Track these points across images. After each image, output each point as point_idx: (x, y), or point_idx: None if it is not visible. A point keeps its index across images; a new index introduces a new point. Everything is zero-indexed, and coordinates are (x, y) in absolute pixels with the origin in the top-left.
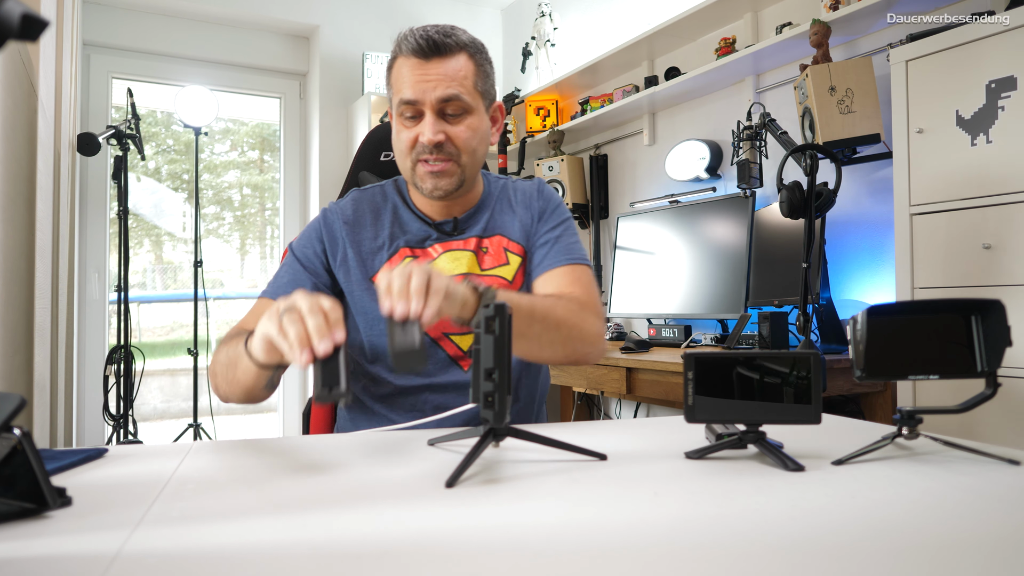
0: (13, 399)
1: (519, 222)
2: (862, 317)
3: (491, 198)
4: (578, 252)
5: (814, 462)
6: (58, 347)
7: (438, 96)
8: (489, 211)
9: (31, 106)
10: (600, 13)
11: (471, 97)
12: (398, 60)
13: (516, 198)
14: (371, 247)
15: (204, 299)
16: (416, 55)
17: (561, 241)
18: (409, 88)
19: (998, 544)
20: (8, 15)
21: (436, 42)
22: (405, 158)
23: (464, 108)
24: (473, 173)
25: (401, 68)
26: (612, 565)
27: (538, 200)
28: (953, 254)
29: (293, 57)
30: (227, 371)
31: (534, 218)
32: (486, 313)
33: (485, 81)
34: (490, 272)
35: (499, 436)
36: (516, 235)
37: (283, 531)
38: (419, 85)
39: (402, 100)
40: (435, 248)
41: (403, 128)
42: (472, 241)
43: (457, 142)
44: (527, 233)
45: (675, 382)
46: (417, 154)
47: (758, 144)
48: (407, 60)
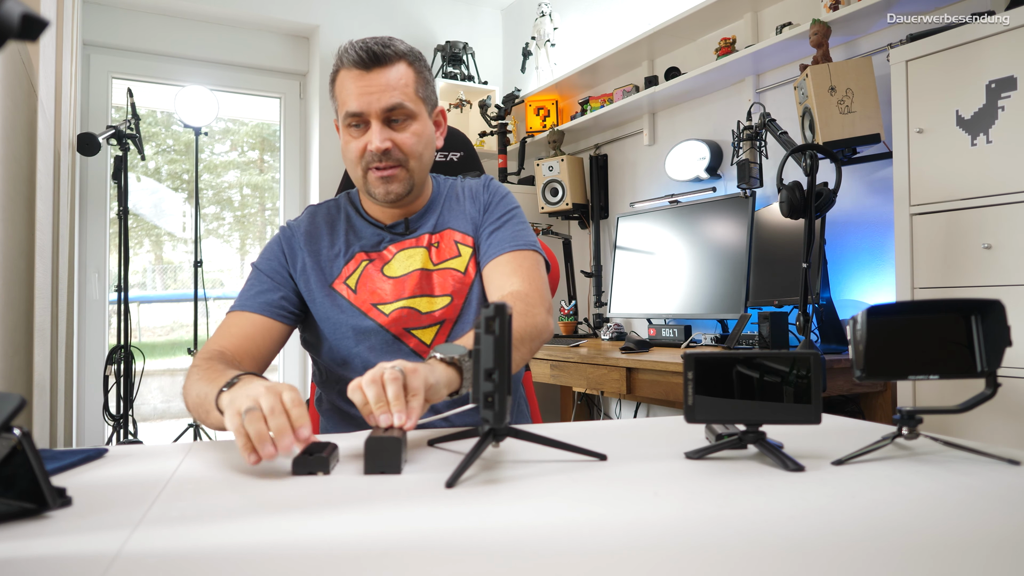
0: (13, 399)
1: (467, 215)
2: (862, 317)
3: (440, 197)
4: (524, 238)
5: (814, 462)
6: (58, 347)
7: (382, 105)
8: (439, 210)
9: (31, 106)
10: (600, 13)
11: (414, 104)
12: (340, 73)
13: (464, 194)
14: (328, 255)
15: (204, 299)
16: (357, 66)
17: (506, 228)
18: (354, 100)
19: (998, 544)
20: (8, 15)
21: (376, 53)
22: (356, 167)
23: (408, 115)
24: (422, 177)
25: (344, 81)
26: (612, 565)
27: (484, 194)
28: (953, 254)
29: (293, 57)
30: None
31: (480, 211)
32: (486, 313)
33: (426, 88)
34: (442, 265)
35: (499, 436)
36: (466, 228)
37: (283, 531)
38: (363, 97)
39: (348, 112)
40: (389, 249)
41: (351, 139)
42: (424, 238)
43: (404, 148)
44: (475, 225)
45: (675, 382)
46: (367, 162)
47: (758, 144)
48: (349, 72)
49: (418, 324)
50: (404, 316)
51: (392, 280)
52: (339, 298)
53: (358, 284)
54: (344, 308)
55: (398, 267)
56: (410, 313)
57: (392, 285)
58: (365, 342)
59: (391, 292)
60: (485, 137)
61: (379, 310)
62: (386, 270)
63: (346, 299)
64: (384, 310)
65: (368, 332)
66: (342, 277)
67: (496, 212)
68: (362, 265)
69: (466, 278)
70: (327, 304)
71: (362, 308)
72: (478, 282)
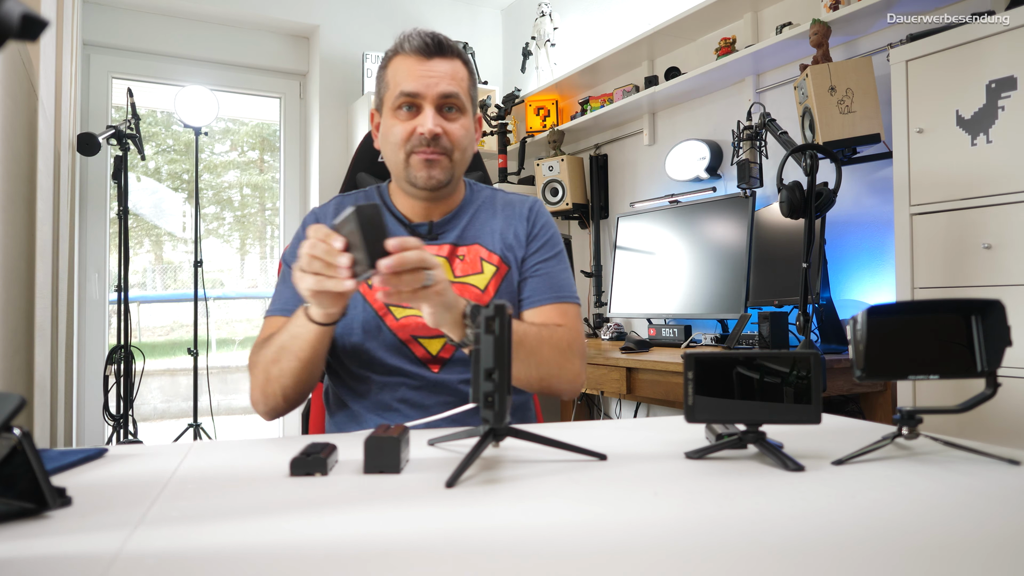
0: (13, 399)
1: (498, 233)
2: (862, 317)
3: (470, 205)
4: (568, 290)
5: (814, 462)
6: (58, 347)
7: (440, 91)
8: (467, 218)
9: (31, 106)
10: (600, 13)
11: (466, 99)
12: (396, 58)
13: (500, 209)
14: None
15: (204, 299)
16: (420, 52)
17: (553, 276)
18: (412, 81)
19: (998, 544)
20: (8, 15)
21: (440, 42)
22: (399, 150)
23: (460, 107)
24: (460, 171)
25: (400, 64)
26: (612, 565)
27: (529, 218)
28: (953, 254)
29: (293, 57)
30: (278, 362)
31: (522, 236)
32: (486, 314)
33: (474, 90)
34: (462, 280)
35: (499, 436)
36: (495, 246)
37: (283, 531)
38: (422, 79)
39: (403, 92)
40: None
41: (397, 121)
42: (446, 248)
43: (452, 137)
44: (507, 244)
45: (675, 382)
46: (412, 145)
47: (758, 144)
48: (408, 57)
49: (427, 334)
50: (414, 324)
51: None
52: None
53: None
54: (356, 303)
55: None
56: (421, 322)
57: None
58: (371, 340)
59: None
60: (485, 137)
61: (391, 312)
62: None
63: (361, 294)
64: (396, 313)
65: (376, 332)
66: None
67: (545, 252)
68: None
69: (484, 296)
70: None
71: (375, 306)
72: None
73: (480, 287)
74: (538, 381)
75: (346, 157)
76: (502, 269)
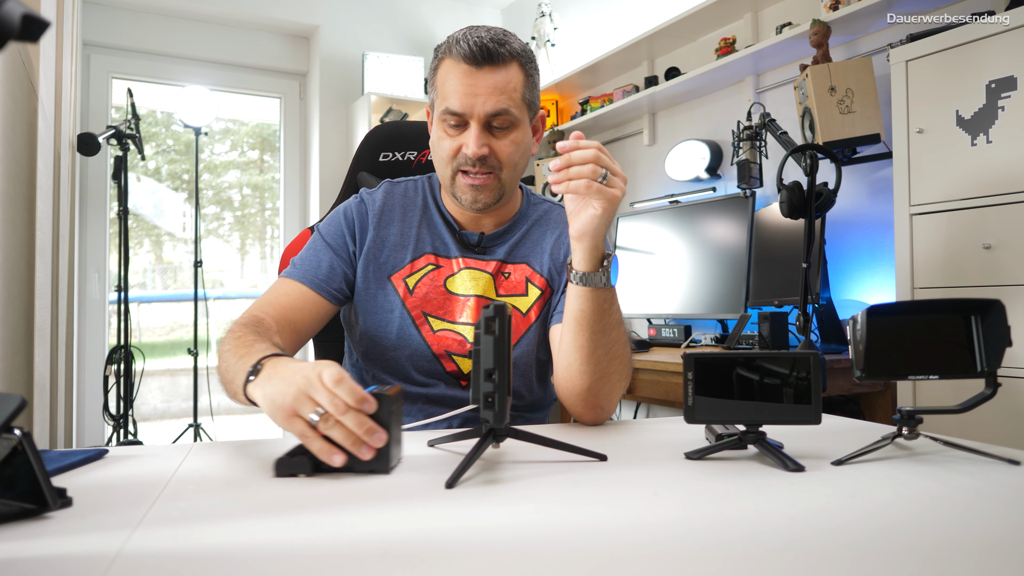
0: (13, 399)
1: (547, 252)
2: (862, 317)
3: (525, 220)
4: None
5: (814, 462)
6: (58, 347)
7: (487, 110)
8: (519, 234)
9: (31, 106)
10: (600, 13)
11: (518, 110)
12: (446, 62)
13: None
14: (396, 242)
15: (204, 299)
16: (467, 61)
17: None
18: (457, 98)
19: (998, 544)
20: (8, 15)
21: (490, 51)
22: (446, 167)
23: (510, 122)
24: (512, 186)
25: (448, 72)
26: (612, 565)
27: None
28: (953, 254)
29: (293, 57)
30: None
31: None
32: (486, 313)
33: (532, 91)
34: (505, 298)
35: (499, 437)
36: (542, 267)
37: (283, 531)
38: (467, 98)
39: (448, 110)
40: (458, 261)
41: (445, 136)
42: (493, 264)
43: (500, 156)
44: (559, 266)
45: (675, 382)
46: (458, 164)
47: (758, 144)
48: (457, 65)
49: (461, 351)
50: (450, 340)
51: (451, 297)
52: (392, 294)
53: (416, 287)
54: (395, 306)
55: (461, 285)
56: (457, 339)
57: (450, 302)
58: (404, 348)
59: (446, 309)
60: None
61: (429, 323)
62: (448, 284)
63: (400, 297)
64: (433, 325)
65: (408, 340)
66: (403, 273)
67: None
68: (427, 269)
69: (525, 320)
70: (378, 295)
71: (413, 313)
72: (537, 327)
73: (522, 310)
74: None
75: (346, 157)
76: (546, 293)
